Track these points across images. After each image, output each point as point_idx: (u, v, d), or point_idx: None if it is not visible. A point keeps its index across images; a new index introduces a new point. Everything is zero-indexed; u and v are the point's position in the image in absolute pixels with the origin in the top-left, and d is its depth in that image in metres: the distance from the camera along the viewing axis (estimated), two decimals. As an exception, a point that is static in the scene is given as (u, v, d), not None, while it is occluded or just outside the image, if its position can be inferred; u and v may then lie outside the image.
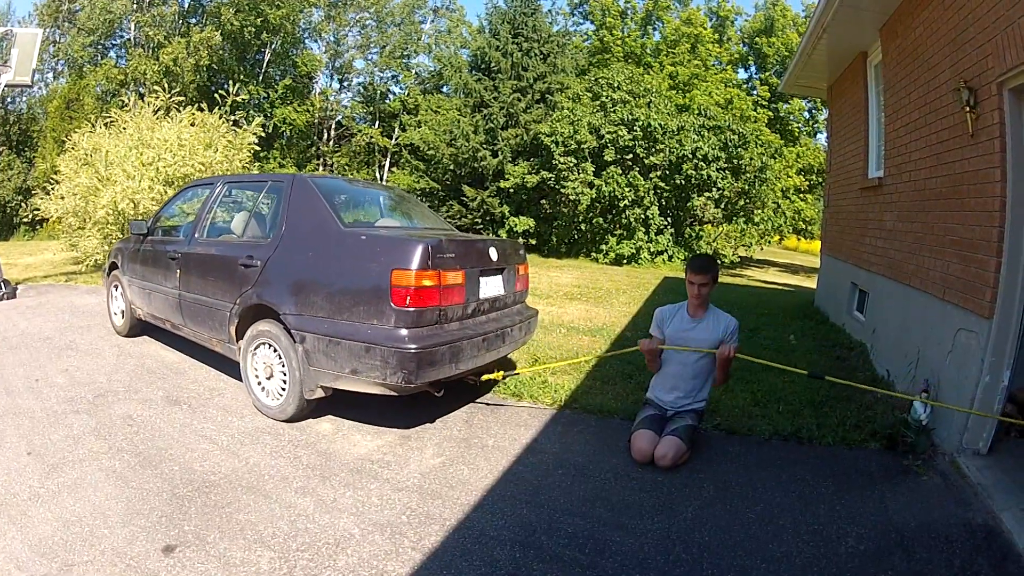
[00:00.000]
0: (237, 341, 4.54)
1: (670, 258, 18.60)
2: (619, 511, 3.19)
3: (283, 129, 30.60)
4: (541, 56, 22.21)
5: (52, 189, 11.51)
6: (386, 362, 3.64)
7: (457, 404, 4.70)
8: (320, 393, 4.03)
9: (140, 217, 8.95)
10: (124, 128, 10.98)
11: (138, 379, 5.02)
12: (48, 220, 12.11)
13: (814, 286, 11.42)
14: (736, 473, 3.72)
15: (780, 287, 15.14)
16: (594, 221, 18.83)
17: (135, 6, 27.08)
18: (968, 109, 4.06)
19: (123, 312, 6.34)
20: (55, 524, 2.81)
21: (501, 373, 4.77)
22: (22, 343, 6.04)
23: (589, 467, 3.69)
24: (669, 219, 19.05)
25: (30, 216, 12.42)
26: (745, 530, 3.06)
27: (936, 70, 4.76)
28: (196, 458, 3.56)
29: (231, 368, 4.91)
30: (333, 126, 34.23)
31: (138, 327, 6.31)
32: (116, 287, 6.44)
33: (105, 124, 11.43)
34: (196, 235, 5.18)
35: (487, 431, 4.21)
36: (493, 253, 4.52)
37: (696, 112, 19.77)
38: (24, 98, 30.22)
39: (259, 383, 4.36)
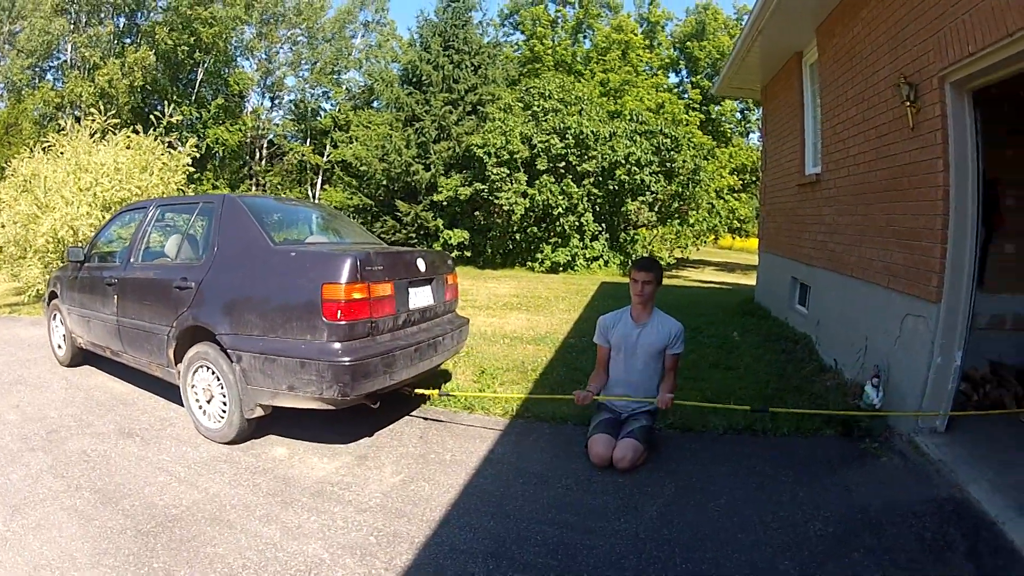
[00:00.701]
0: (176, 365, 4.51)
1: (606, 263, 18.79)
2: (585, 515, 3.21)
3: (216, 149, 30.21)
4: (472, 68, 22.23)
5: None
6: (321, 376, 3.67)
7: (409, 420, 4.71)
8: (260, 412, 4.05)
9: (80, 244, 8.66)
10: (62, 153, 10.86)
11: (89, 412, 4.88)
12: (-11, 250, 11.62)
13: (752, 283, 11.68)
14: (695, 469, 3.78)
15: (718, 286, 15.50)
16: (528, 230, 18.85)
17: (72, 26, 26.72)
18: (909, 103, 4.22)
19: (64, 340, 6.19)
20: (26, 569, 2.71)
21: (436, 392, 4.81)
22: (-30, 380, 5.77)
23: (549, 474, 3.70)
24: (603, 225, 19.24)
25: None
26: (712, 523, 3.12)
27: (875, 67, 4.93)
28: (156, 492, 3.47)
29: (179, 397, 4.78)
30: (265, 145, 33.95)
31: (79, 356, 6.18)
32: (56, 316, 6.32)
33: (43, 149, 11.15)
34: (132, 260, 5.16)
35: (443, 445, 4.20)
36: (421, 264, 4.61)
37: (628, 118, 20.06)
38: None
39: (200, 406, 4.33)
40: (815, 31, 6.51)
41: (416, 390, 4.70)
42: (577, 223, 18.45)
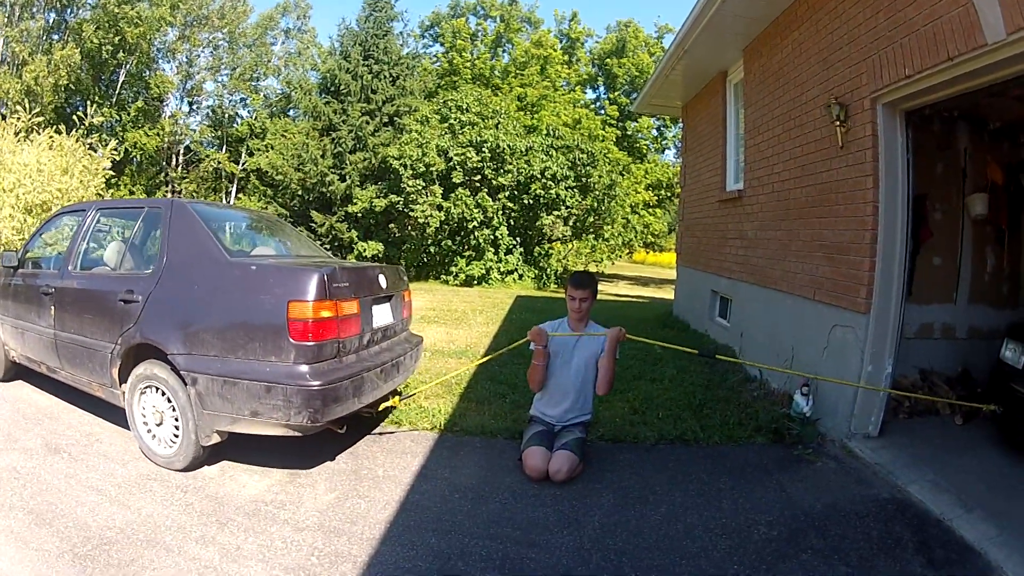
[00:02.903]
0: (121, 385, 4.14)
1: (520, 277, 18.78)
2: (526, 529, 3.17)
3: (134, 154, 28.99)
4: (391, 79, 22.14)
5: None
6: (289, 401, 3.43)
7: (337, 436, 4.42)
8: (216, 438, 3.74)
9: (8, 247, 8.33)
10: None
11: (15, 426, 4.53)
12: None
13: (667, 297, 11.87)
14: (632, 479, 3.80)
15: (634, 299, 15.72)
16: (443, 243, 18.72)
17: (6, 20, 25.45)
18: (839, 123, 4.41)
19: None
20: (-36, 596, 2.53)
21: (397, 399, 4.66)
22: None
23: (485, 489, 3.65)
24: (518, 239, 19.21)
25: None
26: (656, 531, 3.14)
27: (803, 87, 5.14)
28: (88, 512, 3.26)
29: (106, 411, 4.59)
30: (182, 151, 32.90)
31: (13, 370, 5.63)
32: None
33: None
34: (70, 267, 4.71)
35: (374, 461, 4.07)
36: (383, 280, 4.40)
37: (544, 132, 20.17)
38: None
39: (149, 431, 3.97)
40: (742, 51, 6.72)
41: (380, 407, 4.49)
42: (492, 237, 18.39)
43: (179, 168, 32.51)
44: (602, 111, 31.38)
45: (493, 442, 4.42)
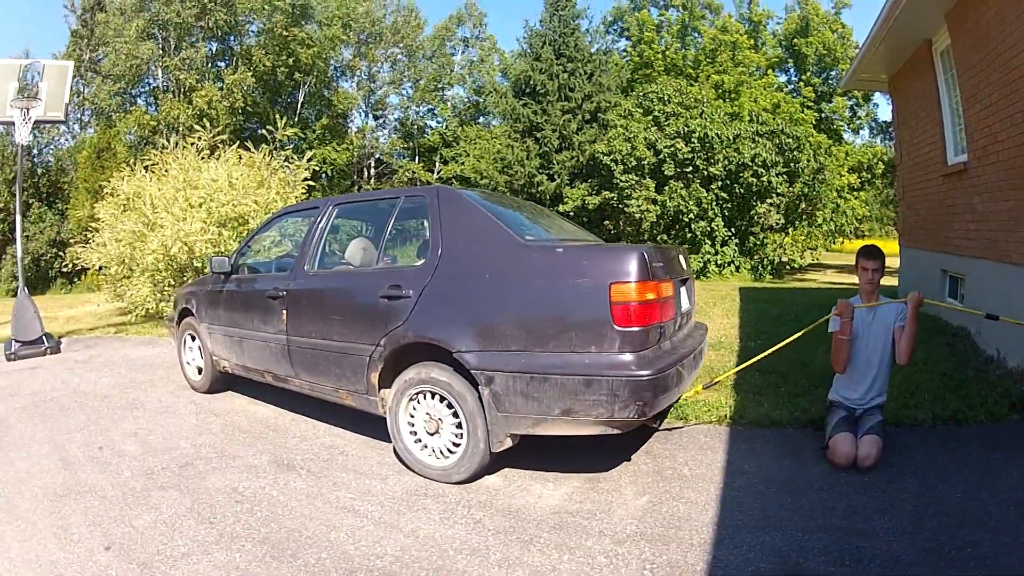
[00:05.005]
0: (380, 391, 3.88)
1: (737, 269, 18.38)
2: (851, 518, 3.01)
3: (324, 169, 30.28)
4: (586, 75, 22.28)
5: (92, 238, 11.07)
6: (615, 395, 3.08)
7: (615, 435, 4.44)
8: (508, 443, 3.45)
9: (223, 253, 8.47)
10: (166, 171, 10.63)
11: (230, 441, 4.32)
12: (87, 271, 11.78)
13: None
14: (922, 460, 3.70)
15: (850, 286, 14.88)
16: (659, 238, 18.60)
17: (161, 51, 27.34)
18: (1058, 84, 4.17)
19: (202, 365, 5.60)
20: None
21: (700, 387, 4.57)
22: (75, 403, 5.35)
23: (796, 480, 3.49)
24: (732, 229, 18.74)
25: (69, 266, 11.71)
26: (963, 509, 3.05)
27: (1015, 49, 4.85)
28: (345, 539, 2.92)
29: (347, 420, 4.42)
30: (373, 163, 34.30)
31: (221, 382, 5.55)
32: (192, 337, 5.67)
33: (145, 168, 11.08)
34: (305, 267, 4.48)
35: (675, 459, 3.83)
36: (682, 261, 4.09)
37: (748, 119, 19.56)
38: (50, 149, 31.15)
39: (418, 440, 3.72)
40: (945, 16, 6.41)
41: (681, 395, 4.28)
42: (708, 228, 18.14)
43: (371, 180, 33.50)
44: (797, 94, 29.67)
45: (783, 432, 4.29)
